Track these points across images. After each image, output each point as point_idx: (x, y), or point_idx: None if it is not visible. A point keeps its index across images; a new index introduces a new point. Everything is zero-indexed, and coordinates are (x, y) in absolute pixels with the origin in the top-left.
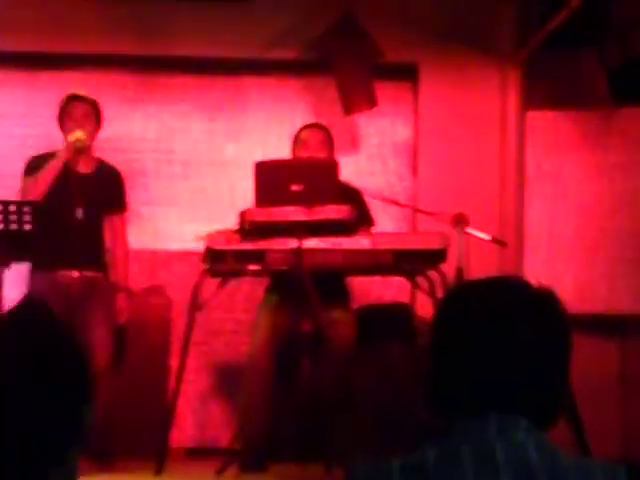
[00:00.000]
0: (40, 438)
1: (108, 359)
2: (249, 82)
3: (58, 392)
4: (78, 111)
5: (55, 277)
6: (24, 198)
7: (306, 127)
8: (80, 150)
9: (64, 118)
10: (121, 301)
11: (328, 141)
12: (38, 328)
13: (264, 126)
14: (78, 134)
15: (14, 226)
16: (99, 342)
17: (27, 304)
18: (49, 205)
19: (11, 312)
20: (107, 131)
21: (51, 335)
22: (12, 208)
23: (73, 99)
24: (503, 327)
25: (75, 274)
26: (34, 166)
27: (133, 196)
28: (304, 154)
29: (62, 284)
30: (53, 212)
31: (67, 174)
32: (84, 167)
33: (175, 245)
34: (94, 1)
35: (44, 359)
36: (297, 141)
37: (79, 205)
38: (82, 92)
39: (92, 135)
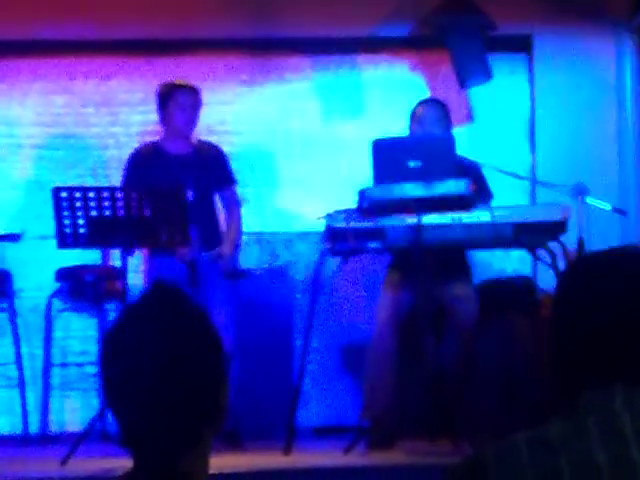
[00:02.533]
0: (177, 421)
1: (234, 338)
2: (363, 60)
3: (196, 375)
4: (186, 100)
5: (172, 260)
6: None
7: (422, 103)
8: None
9: (171, 108)
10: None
11: (445, 116)
12: (173, 311)
13: (379, 104)
14: None
15: (135, 212)
16: (225, 322)
17: (160, 288)
18: (161, 189)
19: (144, 296)
20: (224, 114)
21: (187, 318)
22: (132, 195)
23: (178, 87)
24: (628, 297)
25: (190, 254)
26: (135, 163)
27: (251, 178)
28: (421, 130)
29: (178, 265)
30: (166, 196)
31: (168, 157)
32: (185, 149)
33: (296, 226)
34: None
35: (181, 342)
36: (414, 117)
37: (187, 187)
38: (182, 81)
39: (194, 124)
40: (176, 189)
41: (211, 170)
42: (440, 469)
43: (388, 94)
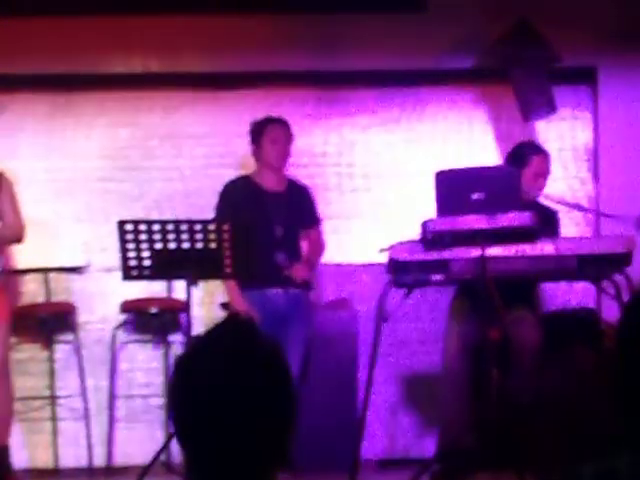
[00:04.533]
0: (244, 455)
1: (301, 373)
2: (426, 92)
3: (264, 410)
4: (279, 134)
5: (264, 294)
6: None
7: (534, 151)
8: None
9: (264, 142)
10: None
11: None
12: (246, 345)
13: (443, 136)
14: None
15: (199, 245)
16: (295, 356)
17: (233, 320)
18: (249, 224)
19: (217, 328)
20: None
21: (259, 352)
22: (197, 227)
23: (271, 121)
24: None
25: (280, 291)
26: (228, 195)
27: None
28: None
29: (270, 301)
30: (254, 231)
31: (261, 193)
32: (277, 185)
33: (359, 257)
34: (269, 18)
35: (252, 376)
36: (528, 164)
37: (277, 223)
38: (274, 115)
39: (286, 156)
40: (244, 225)
41: (300, 209)
42: None
43: (451, 126)
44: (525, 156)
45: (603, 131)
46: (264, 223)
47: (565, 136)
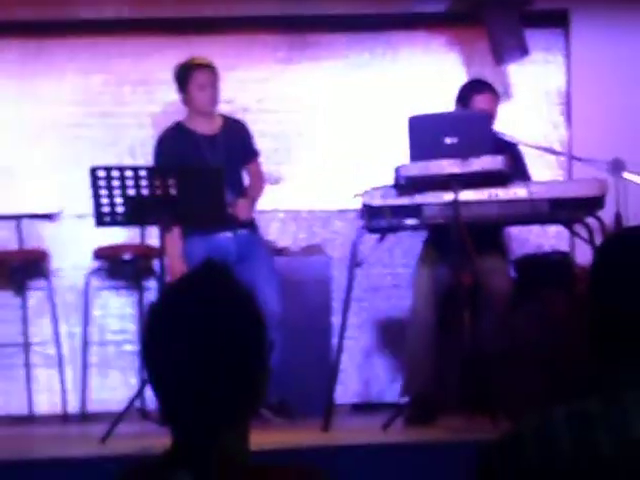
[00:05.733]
0: (218, 398)
1: (279, 313)
2: (398, 36)
3: (238, 354)
4: (205, 78)
5: (211, 241)
6: None
7: (477, 89)
8: None
9: (191, 88)
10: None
11: (498, 102)
12: (220, 290)
13: (415, 80)
14: None
15: (173, 191)
16: (271, 297)
17: (209, 266)
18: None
19: (192, 273)
20: (261, 92)
21: (233, 297)
22: (170, 173)
23: (196, 66)
24: None
25: (229, 234)
26: (162, 149)
27: (288, 156)
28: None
29: (219, 247)
30: (203, 176)
31: (196, 138)
32: (210, 128)
33: (333, 203)
34: None
35: (226, 321)
36: (469, 103)
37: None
38: (202, 59)
39: (216, 101)
40: (213, 168)
41: (238, 145)
42: (478, 444)
43: (424, 70)
44: (467, 96)
45: (576, 74)
46: (205, 166)
47: (538, 80)
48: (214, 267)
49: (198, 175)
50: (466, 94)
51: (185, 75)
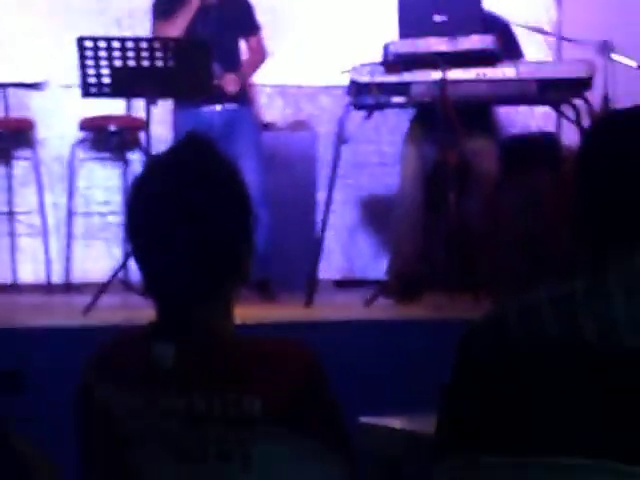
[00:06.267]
0: (200, 270)
1: (261, 190)
2: None
3: (221, 226)
4: None
5: (198, 112)
6: None
7: None
8: None
9: None
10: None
11: None
12: (203, 163)
13: None
14: None
15: (159, 63)
16: (250, 174)
17: (192, 140)
18: (186, 41)
19: (177, 146)
20: None
21: (216, 171)
22: (157, 45)
23: None
24: None
25: (218, 108)
26: (163, 9)
27: (276, 30)
28: None
29: (204, 120)
30: (191, 48)
31: (189, 6)
32: None
33: (320, 79)
34: None
35: (208, 193)
36: None
37: (207, 35)
38: None
39: None
40: (201, 41)
41: (235, 18)
42: (461, 323)
43: None
44: None
45: None
46: (194, 37)
47: None
48: (198, 140)
49: (183, 48)
50: None
51: None
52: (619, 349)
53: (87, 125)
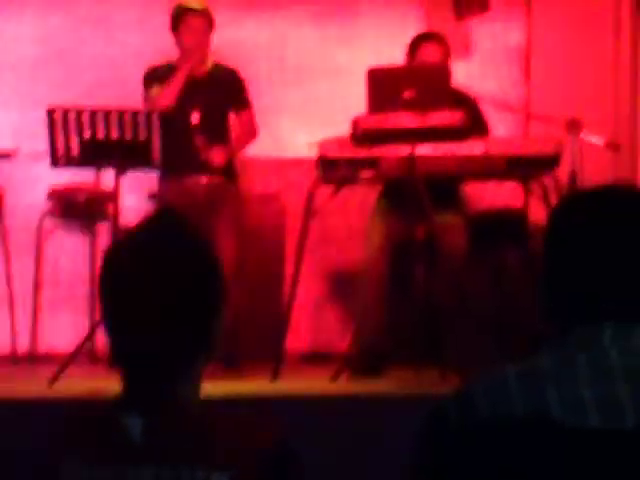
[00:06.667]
0: (170, 344)
1: (235, 266)
2: None
3: (192, 301)
4: (195, 25)
5: (182, 183)
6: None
7: (426, 40)
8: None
9: (180, 30)
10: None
11: (447, 54)
12: (176, 237)
13: (376, 32)
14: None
15: (129, 135)
16: (226, 249)
17: (165, 213)
18: (167, 112)
19: (150, 219)
20: (219, 38)
21: (188, 244)
22: (126, 117)
23: (188, 11)
24: (618, 236)
25: (203, 180)
26: (153, 78)
27: None
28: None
29: (189, 190)
30: (171, 118)
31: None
32: (198, 70)
33: (289, 152)
34: None
35: (180, 267)
36: (416, 55)
37: (194, 108)
38: (197, 3)
39: (207, 45)
40: (168, 115)
41: (225, 93)
42: (427, 399)
43: (385, 22)
44: (414, 48)
45: (536, 32)
46: (179, 109)
47: (498, 36)
48: (169, 215)
49: (152, 120)
50: (413, 45)
51: (178, 16)
52: (585, 429)
53: (55, 195)
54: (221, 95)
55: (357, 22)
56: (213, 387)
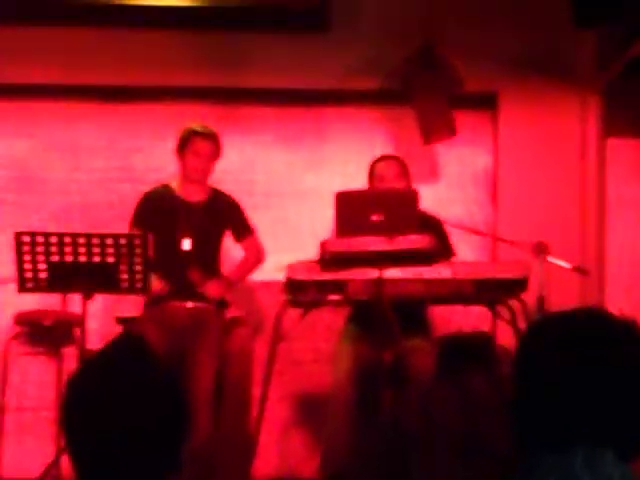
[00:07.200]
0: (135, 471)
1: (210, 392)
2: (328, 112)
3: (155, 428)
4: (203, 148)
5: (165, 307)
6: None
7: (381, 159)
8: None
9: (187, 153)
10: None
11: (404, 172)
12: (138, 364)
13: (344, 156)
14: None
15: (97, 258)
16: (205, 374)
17: (126, 339)
18: (158, 235)
19: (111, 346)
20: None
21: (150, 372)
22: (94, 240)
23: (198, 134)
24: (588, 360)
25: (188, 305)
26: (146, 207)
27: None
28: (381, 187)
29: (171, 315)
30: (160, 243)
31: (176, 203)
32: (196, 196)
33: (257, 275)
34: (174, 33)
35: (143, 396)
36: (373, 174)
37: (186, 236)
38: (201, 127)
39: (207, 172)
40: (137, 235)
41: (222, 220)
42: None
43: (352, 146)
44: (372, 167)
45: (502, 156)
46: (170, 235)
47: (465, 160)
48: (131, 342)
49: (121, 243)
50: (371, 167)
51: (185, 139)
52: None
53: (22, 319)
54: (217, 222)
55: (325, 146)
56: None
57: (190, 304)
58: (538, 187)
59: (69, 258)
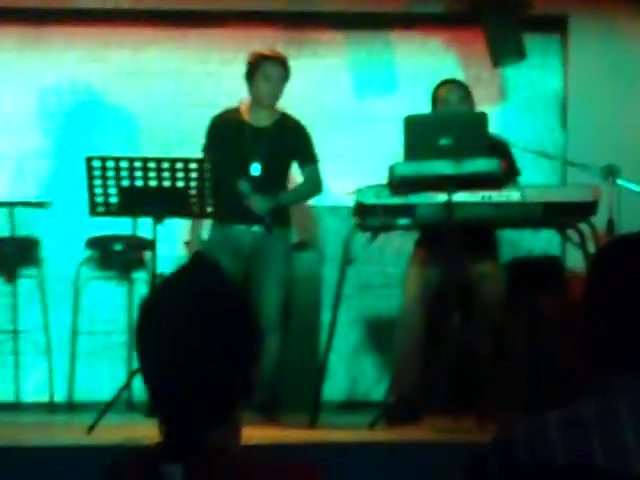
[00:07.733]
0: (208, 393)
1: (278, 315)
2: (396, 36)
3: (228, 350)
4: (273, 72)
5: (227, 231)
6: None
7: (444, 84)
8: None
9: (257, 78)
10: None
11: (467, 96)
12: (210, 285)
13: (412, 80)
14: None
15: (167, 183)
16: (271, 298)
17: (199, 261)
18: (227, 160)
19: (183, 268)
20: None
21: (223, 293)
22: (164, 165)
23: (267, 58)
24: None
25: (252, 228)
26: (217, 131)
27: None
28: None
29: (234, 238)
30: (228, 168)
31: (244, 128)
32: (264, 120)
33: (326, 200)
34: None
35: (216, 317)
36: (436, 99)
37: (255, 159)
38: (270, 51)
39: (276, 96)
40: (207, 160)
41: (289, 145)
42: (464, 446)
43: (421, 71)
44: (434, 92)
45: (572, 79)
46: (240, 158)
47: (534, 84)
48: (203, 263)
49: (191, 168)
50: (434, 92)
51: (255, 64)
52: (630, 475)
53: (93, 244)
54: (285, 147)
55: (392, 69)
56: (251, 434)
57: (254, 227)
58: (608, 110)
59: (139, 183)
